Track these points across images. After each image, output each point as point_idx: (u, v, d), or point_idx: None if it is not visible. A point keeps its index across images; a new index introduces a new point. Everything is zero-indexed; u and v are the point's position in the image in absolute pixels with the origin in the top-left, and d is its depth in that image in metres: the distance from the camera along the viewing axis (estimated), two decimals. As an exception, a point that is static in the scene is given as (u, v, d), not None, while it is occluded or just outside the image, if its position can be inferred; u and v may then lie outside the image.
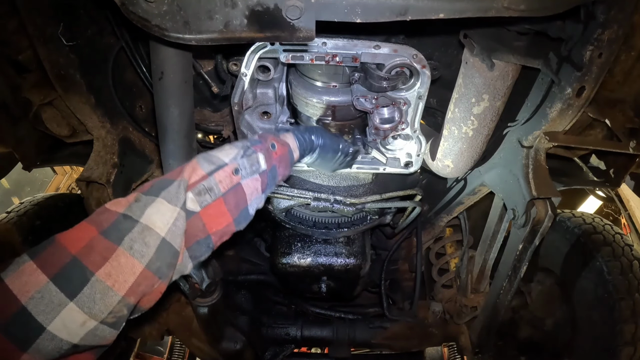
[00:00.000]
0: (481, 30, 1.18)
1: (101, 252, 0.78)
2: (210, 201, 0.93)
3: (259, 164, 1.04)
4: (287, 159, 1.15)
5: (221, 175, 0.96)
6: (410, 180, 1.81)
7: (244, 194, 1.00)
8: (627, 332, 1.79)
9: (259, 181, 1.03)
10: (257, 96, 1.39)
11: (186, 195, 0.90)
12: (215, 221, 0.95)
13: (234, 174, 0.98)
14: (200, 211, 0.92)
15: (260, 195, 1.05)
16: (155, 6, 0.89)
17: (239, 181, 0.99)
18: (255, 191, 1.03)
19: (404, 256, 2.48)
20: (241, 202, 1.00)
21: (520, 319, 2.34)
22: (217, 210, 0.95)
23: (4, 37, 1.50)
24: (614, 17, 1.13)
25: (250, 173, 1.01)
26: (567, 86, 1.28)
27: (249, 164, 1.01)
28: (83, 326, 0.75)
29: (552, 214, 1.48)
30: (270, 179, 1.08)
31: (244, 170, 1.00)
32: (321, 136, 1.28)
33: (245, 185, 1.00)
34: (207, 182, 0.94)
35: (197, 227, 0.92)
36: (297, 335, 2.63)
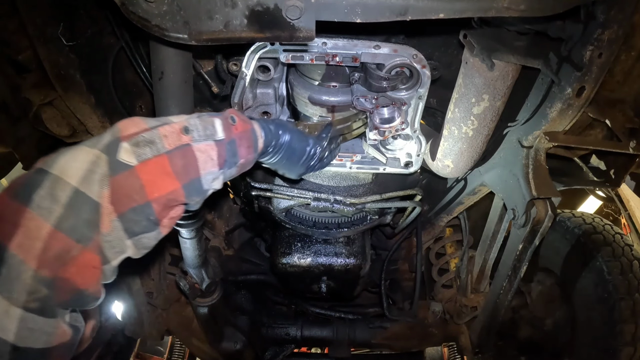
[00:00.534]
0: (481, 30, 1.18)
1: (11, 218, 0.66)
2: (151, 156, 0.76)
3: (215, 129, 0.88)
4: (250, 139, 0.98)
5: (167, 130, 0.80)
6: (410, 180, 1.81)
7: (195, 159, 0.83)
8: (627, 332, 1.79)
9: (214, 150, 0.86)
10: (257, 96, 1.39)
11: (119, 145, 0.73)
12: (157, 183, 0.77)
13: (183, 132, 0.82)
14: (136, 165, 0.74)
15: (217, 170, 0.88)
16: (155, 6, 0.89)
17: (189, 142, 0.82)
18: (210, 160, 0.86)
19: (404, 256, 2.48)
20: (191, 168, 0.83)
21: (520, 319, 2.34)
22: (160, 169, 0.77)
23: (4, 37, 1.50)
24: (614, 17, 1.13)
25: (203, 137, 0.85)
26: (567, 86, 1.28)
27: (202, 126, 0.86)
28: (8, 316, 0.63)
29: (552, 214, 1.48)
30: (230, 154, 0.91)
31: (195, 131, 0.84)
32: (289, 132, 1.12)
33: (197, 149, 0.83)
34: (149, 134, 0.78)
35: (132, 187, 0.74)
36: (297, 335, 2.63)
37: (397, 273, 2.52)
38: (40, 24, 1.29)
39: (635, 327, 1.79)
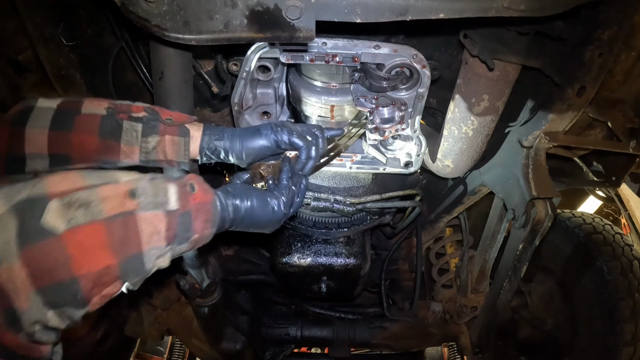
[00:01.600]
0: (481, 30, 1.18)
1: None
2: (83, 222, 0.62)
3: (167, 197, 0.75)
4: (208, 212, 0.85)
5: (109, 191, 0.67)
6: (410, 180, 1.81)
7: (138, 231, 0.69)
8: (627, 332, 1.79)
9: (162, 222, 0.73)
10: (257, 96, 1.39)
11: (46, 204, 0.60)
12: (87, 257, 0.63)
13: (129, 196, 0.69)
14: (64, 232, 0.61)
15: (164, 245, 0.74)
16: (155, 6, 0.89)
17: (134, 209, 0.69)
18: (156, 234, 0.72)
19: (404, 256, 2.48)
20: (132, 241, 0.69)
21: (520, 319, 2.34)
22: (93, 239, 0.64)
23: (4, 37, 1.50)
24: (614, 17, 1.13)
25: (152, 205, 0.72)
26: (567, 86, 1.28)
27: (152, 191, 0.73)
28: None
29: (552, 214, 1.48)
30: (182, 227, 0.77)
31: (143, 196, 0.71)
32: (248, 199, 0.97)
33: (142, 218, 0.70)
34: (85, 194, 0.65)
35: (56, 258, 0.61)
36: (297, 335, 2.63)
37: (397, 273, 2.52)
38: (40, 24, 1.29)
39: (635, 327, 1.79)
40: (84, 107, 0.99)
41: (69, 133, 0.96)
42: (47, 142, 0.94)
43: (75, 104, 0.99)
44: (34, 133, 0.94)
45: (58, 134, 0.95)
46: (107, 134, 0.99)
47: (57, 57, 1.36)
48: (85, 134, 0.97)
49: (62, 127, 0.96)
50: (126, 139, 1.00)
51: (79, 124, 0.97)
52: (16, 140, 0.93)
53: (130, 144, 1.01)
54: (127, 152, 1.01)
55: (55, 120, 0.96)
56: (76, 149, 0.98)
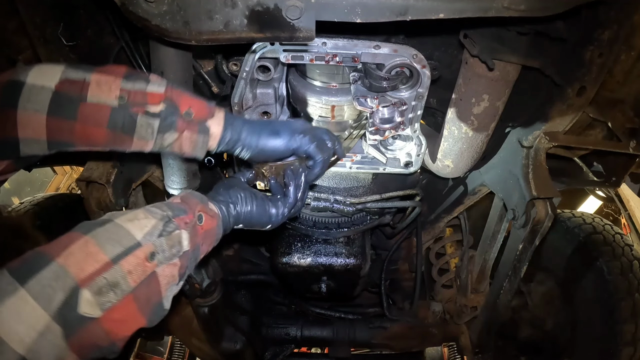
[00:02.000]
0: (481, 30, 1.18)
1: None
2: (116, 301, 0.68)
3: (181, 245, 0.80)
4: (213, 234, 0.92)
5: (131, 264, 0.71)
6: (410, 180, 1.81)
7: (159, 285, 0.76)
8: (627, 332, 1.79)
9: (177, 266, 0.79)
10: (257, 96, 1.39)
11: (79, 295, 0.64)
12: (122, 327, 0.71)
13: (149, 260, 0.73)
14: (101, 316, 0.66)
15: (177, 283, 0.81)
16: (155, 6, 0.89)
17: (154, 269, 0.74)
18: (172, 279, 0.79)
19: (404, 256, 2.48)
20: (154, 295, 0.76)
21: (520, 319, 2.34)
22: (126, 313, 0.70)
23: (4, 37, 1.50)
24: (614, 17, 1.13)
25: (168, 258, 0.77)
26: (567, 86, 1.28)
27: (168, 246, 0.77)
28: None
29: (552, 214, 1.48)
30: (192, 261, 0.85)
31: (161, 254, 0.76)
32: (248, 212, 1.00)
33: (160, 273, 0.76)
34: (112, 275, 0.68)
35: (96, 336, 0.68)
36: (297, 335, 2.63)
37: (397, 273, 2.52)
38: (40, 24, 1.29)
39: (635, 327, 1.79)
40: (91, 93, 0.86)
41: (73, 122, 0.85)
42: (46, 128, 0.84)
43: (78, 87, 0.85)
44: (28, 116, 0.82)
45: (59, 121, 0.85)
46: (119, 128, 0.89)
47: (57, 57, 1.36)
48: (92, 127, 0.87)
49: (63, 114, 0.85)
50: (140, 134, 0.91)
51: (84, 113, 0.86)
52: (4, 122, 0.82)
53: (144, 138, 0.92)
54: (139, 144, 0.94)
55: (55, 105, 0.84)
56: (80, 137, 0.88)
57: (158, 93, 0.91)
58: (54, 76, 0.85)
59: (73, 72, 0.86)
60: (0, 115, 0.82)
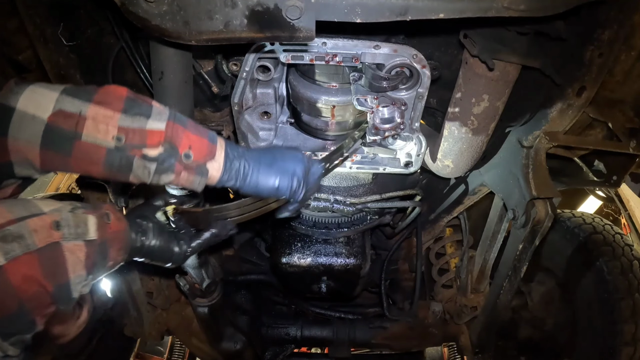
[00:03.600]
0: (481, 30, 1.18)
1: None
2: (20, 253, 0.68)
3: (87, 228, 0.80)
4: (122, 240, 0.91)
5: (37, 224, 0.71)
6: (410, 180, 1.81)
7: (65, 261, 0.75)
8: (627, 332, 1.79)
9: (83, 251, 0.78)
10: (257, 96, 1.39)
11: None
12: (28, 285, 0.69)
13: (54, 228, 0.73)
14: (5, 264, 0.66)
15: (84, 274, 0.79)
16: (155, 6, 0.89)
17: (59, 239, 0.74)
18: (79, 263, 0.77)
19: (404, 256, 2.48)
20: (60, 272, 0.74)
21: (520, 319, 2.34)
22: (30, 271, 0.69)
23: (4, 37, 1.50)
24: (614, 17, 1.13)
25: (74, 235, 0.77)
26: (567, 86, 1.28)
27: (74, 222, 0.77)
28: None
29: (552, 214, 1.48)
30: (100, 257, 0.82)
31: (67, 228, 0.75)
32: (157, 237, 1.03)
33: (66, 248, 0.75)
34: (16, 228, 0.69)
35: (3, 290, 0.67)
36: (297, 335, 2.63)
37: (397, 273, 2.52)
38: (40, 24, 1.29)
39: (635, 327, 1.79)
40: (86, 131, 0.81)
41: (67, 158, 0.83)
42: (39, 159, 0.82)
43: (73, 122, 0.81)
44: (19, 145, 0.80)
45: (53, 155, 0.82)
46: (116, 168, 0.86)
47: (57, 57, 1.36)
48: (88, 164, 0.85)
49: (57, 149, 0.81)
50: (137, 174, 0.89)
51: (79, 151, 0.82)
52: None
53: (140, 177, 0.90)
54: (136, 180, 0.91)
55: (48, 139, 0.80)
56: (76, 170, 0.87)
57: (158, 131, 0.87)
58: (47, 105, 0.80)
59: (68, 103, 0.81)
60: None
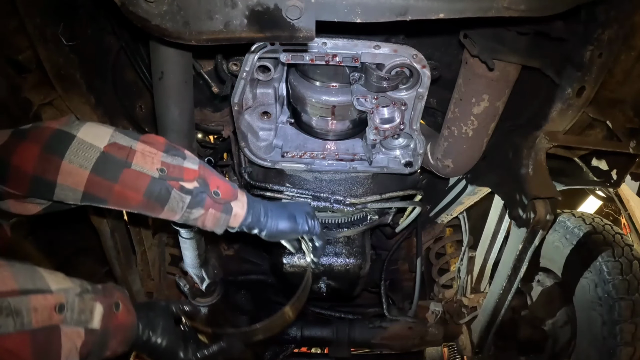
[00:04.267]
0: (481, 30, 1.18)
1: None
2: (13, 331, 0.65)
3: (92, 317, 0.79)
4: (127, 332, 0.91)
5: (40, 302, 0.69)
6: (410, 180, 1.81)
7: (60, 345, 0.72)
8: (627, 332, 1.79)
9: (81, 339, 0.76)
10: (257, 96, 1.39)
11: None
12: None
13: (57, 310, 0.71)
14: None
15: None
16: (155, 6, 0.89)
17: (59, 323, 0.72)
18: (74, 350, 0.75)
19: (404, 256, 2.48)
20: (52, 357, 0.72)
21: (520, 319, 2.34)
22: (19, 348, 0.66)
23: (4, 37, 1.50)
24: (614, 17, 1.13)
25: (76, 321, 0.75)
26: (567, 86, 1.28)
27: (78, 308, 0.76)
28: None
29: (552, 214, 1.48)
30: (97, 347, 0.81)
31: (70, 312, 0.74)
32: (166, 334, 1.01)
33: (64, 333, 0.73)
34: (17, 302, 0.66)
35: None
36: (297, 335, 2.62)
37: (397, 273, 2.52)
38: (40, 24, 1.29)
39: (635, 327, 1.79)
40: (135, 161, 0.93)
41: (113, 184, 0.91)
42: (85, 182, 0.89)
43: (125, 152, 0.93)
44: (72, 169, 0.88)
45: (100, 180, 0.91)
46: (154, 197, 0.95)
47: (57, 57, 1.36)
48: (131, 191, 0.94)
49: (106, 175, 0.91)
50: (171, 205, 0.98)
51: (126, 178, 0.92)
52: (48, 165, 0.88)
53: (173, 210, 0.99)
54: (167, 214, 0.99)
55: (100, 165, 0.90)
56: (116, 198, 0.94)
57: (193, 169, 1.00)
58: (103, 137, 0.93)
59: (121, 138, 0.94)
60: (46, 158, 0.88)
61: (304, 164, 1.54)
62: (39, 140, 0.89)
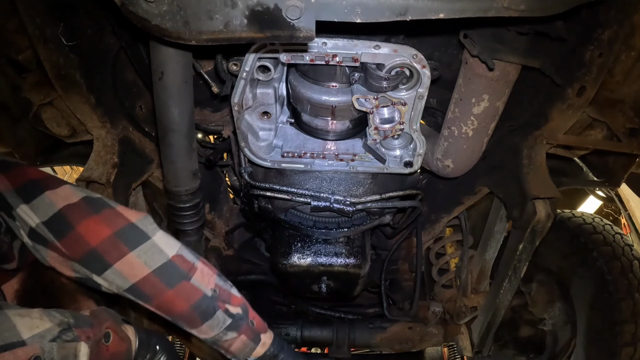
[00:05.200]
0: (481, 30, 1.18)
1: None
2: None
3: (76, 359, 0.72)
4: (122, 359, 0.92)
5: None
6: (410, 180, 1.81)
7: None
8: (627, 333, 1.79)
9: None
10: (257, 96, 1.39)
11: None
12: None
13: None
14: None
15: None
16: (155, 6, 0.89)
17: None
18: None
19: (404, 256, 2.48)
20: None
21: (520, 319, 2.34)
22: None
23: (4, 37, 1.50)
24: (614, 17, 1.13)
25: None
26: (567, 86, 1.29)
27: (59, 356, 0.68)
28: None
29: (552, 214, 1.48)
30: None
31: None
32: (166, 353, 1.10)
33: None
34: None
35: None
36: (297, 336, 2.62)
37: (397, 273, 2.52)
38: (40, 24, 1.29)
39: (635, 327, 1.79)
40: (195, 277, 1.01)
41: (168, 289, 0.97)
42: (142, 278, 0.95)
43: (188, 267, 1.00)
44: (136, 263, 0.94)
45: (157, 282, 0.96)
46: (200, 312, 1.01)
47: (57, 57, 1.36)
48: (182, 301, 0.99)
49: (165, 280, 0.97)
50: (211, 324, 1.04)
51: (182, 289, 0.99)
52: (113, 250, 0.93)
53: (211, 328, 1.05)
54: (204, 330, 1.04)
55: (164, 270, 0.96)
56: (163, 301, 0.98)
57: (238, 297, 1.11)
58: (173, 247, 1.00)
59: (186, 253, 1.03)
60: (114, 243, 0.93)
61: (304, 164, 1.54)
62: (112, 226, 0.94)
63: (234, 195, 2.34)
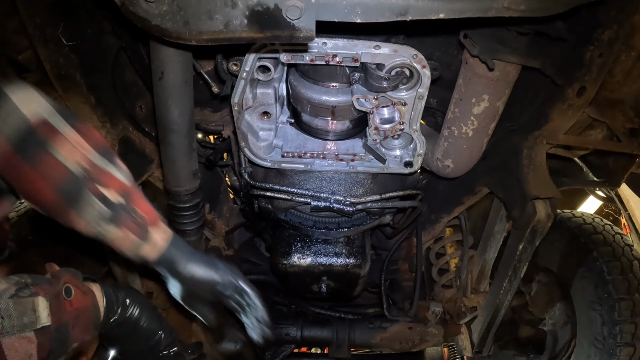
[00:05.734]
0: (481, 30, 1.18)
1: None
2: None
3: (37, 316, 0.70)
4: (89, 317, 0.83)
5: None
6: (410, 180, 1.81)
7: None
8: (627, 332, 1.79)
9: (32, 343, 0.69)
10: (257, 96, 1.39)
11: None
12: None
13: None
14: None
15: None
16: (155, 6, 0.89)
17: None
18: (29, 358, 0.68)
19: (404, 256, 2.48)
20: None
21: (520, 319, 2.34)
22: None
23: (4, 37, 1.50)
24: (614, 17, 1.13)
25: (19, 327, 0.67)
26: (567, 86, 1.29)
27: (17, 312, 0.67)
28: None
29: (552, 214, 1.48)
30: (56, 342, 0.74)
31: (7, 319, 0.66)
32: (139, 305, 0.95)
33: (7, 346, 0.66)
34: None
35: None
36: (297, 336, 2.62)
37: (397, 273, 2.52)
38: (40, 24, 1.29)
39: (635, 327, 1.79)
40: (60, 148, 0.81)
41: (24, 164, 0.78)
42: None
43: (52, 134, 0.80)
44: None
45: (13, 156, 0.78)
46: (64, 194, 0.82)
47: (57, 57, 1.36)
48: (40, 179, 0.80)
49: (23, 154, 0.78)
50: (82, 213, 0.85)
51: (41, 164, 0.79)
52: None
53: (83, 218, 0.86)
54: (75, 221, 0.87)
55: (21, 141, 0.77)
56: (23, 184, 0.81)
57: (121, 180, 0.89)
58: (38, 109, 0.79)
59: (56, 118, 0.80)
60: None
61: (304, 164, 1.54)
62: None
63: (234, 195, 2.34)
